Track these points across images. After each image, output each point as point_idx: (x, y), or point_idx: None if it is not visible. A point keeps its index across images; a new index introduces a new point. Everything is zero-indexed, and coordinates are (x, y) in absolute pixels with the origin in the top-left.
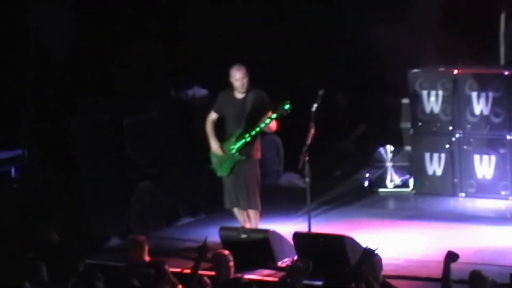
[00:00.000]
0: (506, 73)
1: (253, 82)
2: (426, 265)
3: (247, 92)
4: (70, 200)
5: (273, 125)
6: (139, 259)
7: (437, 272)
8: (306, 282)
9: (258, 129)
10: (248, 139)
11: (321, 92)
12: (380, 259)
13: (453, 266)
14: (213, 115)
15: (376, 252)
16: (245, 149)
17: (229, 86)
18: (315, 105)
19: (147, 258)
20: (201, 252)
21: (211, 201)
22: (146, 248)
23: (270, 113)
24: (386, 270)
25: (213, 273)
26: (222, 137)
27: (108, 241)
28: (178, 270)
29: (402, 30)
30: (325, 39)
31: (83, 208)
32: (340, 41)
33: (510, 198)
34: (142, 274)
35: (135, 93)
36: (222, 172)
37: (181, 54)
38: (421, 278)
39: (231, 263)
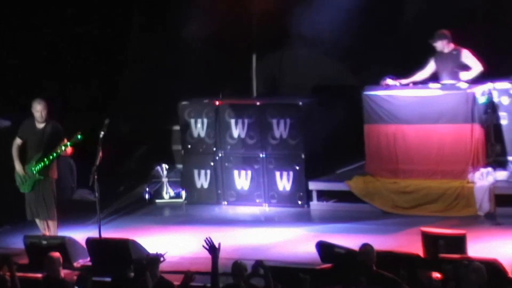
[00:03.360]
0: (258, 103)
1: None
2: (196, 261)
3: (46, 122)
4: None
5: (69, 150)
6: None
7: (206, 267)
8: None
9: (55, 154)
10: (47, 162)
11: (106, 121)
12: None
13: (219, 262)
14: (18, 141)
15: (162, 256)
16: (44, 170)
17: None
18: (102, 132)
19: None
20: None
21: (15, 213)
22: None
23: (65, 141)
24: (163, 266)
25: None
26: (24, 160)
27: None
28: None
29: (171, 68)
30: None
31: None
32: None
33: (264, 205)
34: None
35: None
36: (24, 189)
37: None
38: (192, 272)
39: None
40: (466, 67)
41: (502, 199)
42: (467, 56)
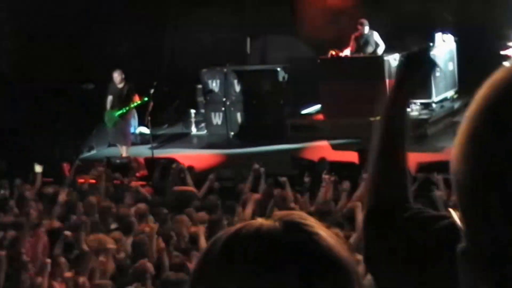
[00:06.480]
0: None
1: None
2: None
3: (124, 83)
4: None
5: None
6: None
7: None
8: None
9: (128, 108)
10: (124, 110)
11: (155, 83)
12: None
13: None
14: (109, 96)
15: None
16: (122, 115)
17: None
18: (152, 90)
19: None
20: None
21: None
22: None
23: (136, 98)
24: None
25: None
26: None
27: None
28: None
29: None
30: None
31: None
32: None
33: None
34: None
35: None
36: (109, 125)
37: None
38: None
39: None
40: (376, 44)
41: None
42: (377, 37)
